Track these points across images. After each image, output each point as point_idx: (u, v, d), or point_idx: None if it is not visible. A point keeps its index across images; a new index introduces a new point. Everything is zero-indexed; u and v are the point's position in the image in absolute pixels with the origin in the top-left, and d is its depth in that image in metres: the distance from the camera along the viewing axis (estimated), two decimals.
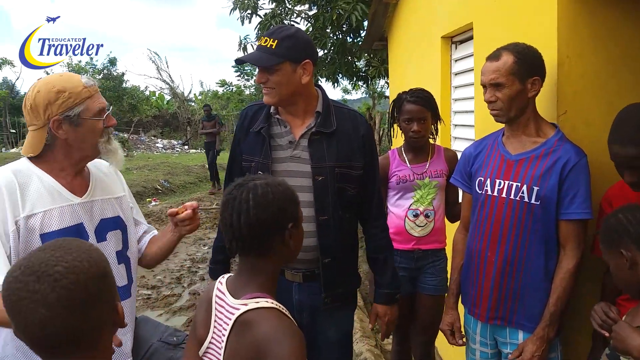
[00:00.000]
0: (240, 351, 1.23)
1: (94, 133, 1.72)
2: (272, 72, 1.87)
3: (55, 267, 0.92)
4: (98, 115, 1.72)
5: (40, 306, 0.90)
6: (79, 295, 0.92)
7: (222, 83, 35.49)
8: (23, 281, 0.91)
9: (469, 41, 3.10)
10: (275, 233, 1.31)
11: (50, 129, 1.67)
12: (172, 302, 5.18)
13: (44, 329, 0.90)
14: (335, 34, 7.91)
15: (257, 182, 1.32)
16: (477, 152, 2.09)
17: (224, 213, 1.31)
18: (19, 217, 1.59)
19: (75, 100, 1.68)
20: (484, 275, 2.00)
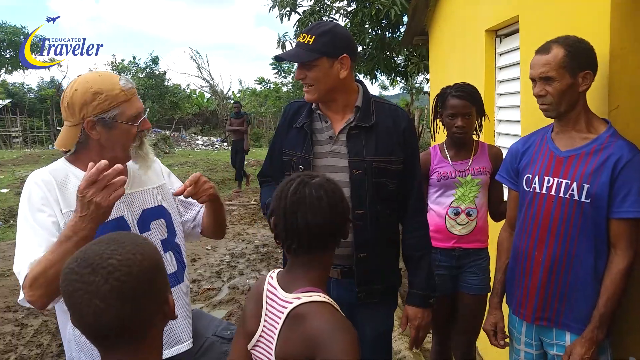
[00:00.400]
0: (293, 344, 1.24)
1: (127, 137, 1.73)
2: (310, 68, 1.89)
3: (109, 259, 0.95)
4: (133, 120, 1.72)
5: (95, 297, 0.93)
6: (131, 287, 0.95)
7: (260, 80, 35.80)
8: (79, 273, 0.95)
9: (514, 34, 3.02)
10: (338, 229, 1.33)
11: (84, 128, 1.69)
12: (212, 295, 5.26)
13: (98, 319, 0.93)
14: (374, 30, 7.85)
15: (319, 180, 1.34)
16: (524, 149, 2.04)
17: (287, 212, 1.30)
18: (64, 212, 1.65)
19: (112, 104, 1.69)
20: (531, 275, 1.95)
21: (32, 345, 4.05)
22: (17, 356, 3.87)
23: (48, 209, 1.63)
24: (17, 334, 4.26)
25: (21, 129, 29.41)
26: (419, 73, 8.31)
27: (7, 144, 27.29)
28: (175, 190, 1.92)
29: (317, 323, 1.21)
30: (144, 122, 1.76)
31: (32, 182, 1.68)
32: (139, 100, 1.78)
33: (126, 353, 0.98)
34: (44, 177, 1.69)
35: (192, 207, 2.03)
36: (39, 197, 1.64)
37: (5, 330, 4.32)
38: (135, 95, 1.76)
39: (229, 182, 13.50)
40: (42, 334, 4.22)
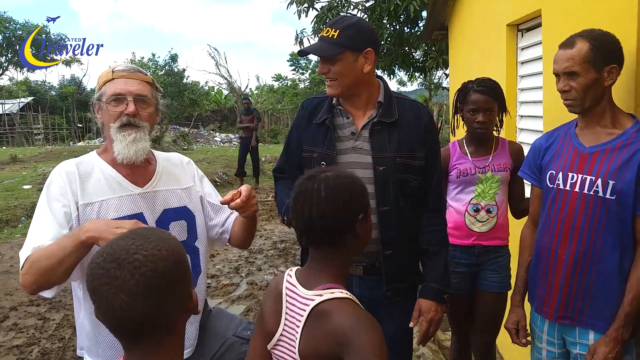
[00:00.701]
0: (318, 342, 1.23)
1: (109, 118, 1.73)
2: (334, 62, 1.87)
3: (135, 255, 0.96)
4: (111, 99, 1.72)
5: (120, 292, 0.93)
6: (157, 282, 0.95)
7: (278, 77, 35.88)
8: (105, 267, 0.95)
9: (537, 29, 2.97)
10: (347, 224, 1.30)
11: (94, 112, 1.78)
12: (231, 291, 5.29)
13: (123, 314, 0.93)
14: (392, 25, 7.80)
15: (328, 173, 1.32)
16: (548, 144, 2.01)
17: (296, 205, 1.32)
18: (79, 204, 1.67)
19: (99, 83, 1.76)
20: (554, 273, 1.92)
21: (55, 338, 4.12)
22: (40, 349, 3.93)
23: (64, 199, 1.66)
24: (40, 327, 4.33)
25: (43, 126, 29.88)
26: (437, 68, 8.24)
27: (29, 140, 27.74)
28: (207, 193, 1.96)
29: (342, 319, 1.20)
30: (126, 105, 1.72)
31: (56, 171, 1.73)
32: (131, 83, 1.74)
33: (149, 347, 0.99)
34: (67, 168, 1.72)
35: (222, 211, 2.00)
36: (58, 186, 1.68)
37: (29, 324, 4.39)
38: (123, 78, 1.75)
39: (247, 178, 13.56)
40: (64, 328, 4.28)
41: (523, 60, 3.23)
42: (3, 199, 9.53)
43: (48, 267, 1.52)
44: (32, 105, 30.52)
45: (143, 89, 1.76)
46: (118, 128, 1.72)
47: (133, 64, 1.97)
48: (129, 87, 1.73)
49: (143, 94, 1.76)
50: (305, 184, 1.32)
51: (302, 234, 1.33)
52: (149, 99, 1.78)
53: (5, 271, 5.75)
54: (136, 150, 1.72)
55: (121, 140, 1.71)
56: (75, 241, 1.51)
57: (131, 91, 1.73)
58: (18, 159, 16.27)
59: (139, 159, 1.74)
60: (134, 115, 1.72)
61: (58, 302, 4.87)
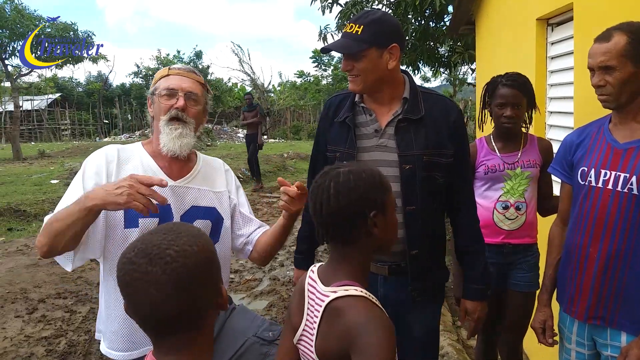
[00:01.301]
0: (331, 338, 1.23)
1: (159, 110, 1.81)
2: (358, 59, 1.83)
3: (167, 250, 0.96)
4: (165, 93, 1.80)
5: (152, 287, 0.93)
6: (188, 278, 0.95)
7: (300, 74, 35.95)
8: (136, 263, 0.96)
9: (568, 23, 2.90)
10: (358, 221, 1.28)
11: (148, 106, 1.86)
12: (254, 286, 5.32)
13: (155, 309, 0.93)
14: (417, 20, 7.72)
15: (341, 169, 1.31)
16: (579, 140, 1.96)
17: (310, 201, 1.33)
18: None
19: (156, 79, 1.85)
20: (584, 272, 1.88)
21: (81, 331, 4.19)
22: (67, 341, 4.00)
23: (97, 177, 1.73)
24: (67, 319, 4.41)
25: (70, 121, 30.47)
26: (463, 63, 8.12)
27: (57, 136, 28.30)
28: (240, 202, 1.99)
29: (353, 317, 1.19)
30: (177, 99, 1.80)
31: (98, 151, 1.82)
32: (184, 80, 1.83)
33: (179, 342, 0.99)
34: (108, 151, 1.81)
35: (250, 224, 2.02)
36: (94, 165, 1.76)
37: (56, 316, 4.47)
38: (178, 75, 1.84)
39: (269, 174, 13.61)
40: (90, 321, 4.35)
41: (553, 55, 3.16)
42: (31, 193, 9.74)
43: (58, 230, 1.57)
44: (59, 101, 31.13)
45: (195, 88, 1.84)
46: (167, 121, 1.79)
47: (159, 61, 2.04)
48: (182, 83, 1.81)
49: (194, 92, 1.83)
50: (318, 181, 1.32)
51: (318, 229, 1.33)
52: (199, 98, 1.85)
53: (33, 264, 5.87)
54: (181, 144, 1.79)
55: (168, 133, 1.79)
56: (80, 207, 1.55)
57: (183, 87, 1.81)
58: (46, 154, 16.62)
59: (182, 153, 1.81)
60: (182, 110, 1.79)
61: (84, 295, 4.95)
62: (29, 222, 7.97)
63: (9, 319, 4.39)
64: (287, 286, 5.28)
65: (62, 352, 3.82)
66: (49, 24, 17.79)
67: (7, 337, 4.06)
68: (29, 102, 29.43)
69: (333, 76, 34.17)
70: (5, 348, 3.88)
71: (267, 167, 14.21)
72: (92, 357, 3.77)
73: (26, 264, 5.87)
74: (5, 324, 4.29)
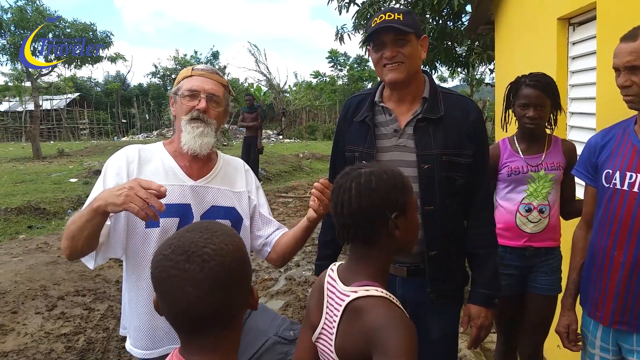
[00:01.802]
0: (351, 337, 1.23)
1: (181, 110, 1.82)
2: (403, 44, 1.84)
3: (204, 248, 0.96)
4: (187, 94, 1.81)
5: (189, 284, 0.93)
6: (224, 276, 0.95)
7: (316, 74, 35.96)
8: (173, 260, 0.96)
9: (590, 22, 2.86)
10: (379, 222, 1.27)
11: (170, 105, 1.88)
12: (270, 286, 5.33)
13: (190, 307, 0.93)
14: (435, 20, 7.67)
15: (363, 170, 1.31)
16: (604, 142, 1.92)
17: (332, 201, 1.33)
18: None
19: (178, 79, 1.86)
20: (609, 276, 1.84)
21: (99, 328, 4.23)
22: (86, 338, 4.04)
23: (118, 178, 1.75)
24: (86, 317, 4.45)
25: (88, 121, 30.84)
26: (481, 63, 8.05)
27: (75, 135, 28.66)
28: (260, 203, 2.00)
29: (373, 317, 1.18)
30: (199, 101, 1.80)
31: (120, 152, 1.84)
32: (206, 82, 1.83)
33: (208, 342, 0.99)
34: (129, 151, 1.83)
35: (269, 225, 2.03)
36: (115, 166, 1.79)
37: (75, 314, 4.52)
38: (202, 77, 1.84)
39: (285, 174, 13.64)
40: (108, 319, 4.39)
41: (574, 55, 3.12)
42: (51, 191, 9.86)
43: (74, 232, 1.60)
44: (78, 101, 31.54)
45: (217, 90, 1.85)
46: (188, 120, 1.80)
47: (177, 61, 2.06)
48: (204, 85, 1.82)
49: (216, 94, 1.84)
50: (340, 180, 1.32)
51: (340, 229, 1.33)
52: (220, 100, 1.86)
53: (52, 261, 5.94)
54: (202, 143, 1.80)
55: (189, 132, 1.80)
56: (89, 209, 1.57)
57: (205, 89, 1.82)
58: (65, 153, 16.83)
59: (202, 151, 1.82)
60: (204, 111, 1.80)
61: (102, 292, 5.00)
62: (48, 220, 8.08)
63: (29, 315, 4.45)
64: (302, 286, 5.29)
65: (81, 349, 3.85)
66: (69, 24, 18.02)
67: (28, 333, 4.11)
68: (49, 101, 29.85)
69: (349, 76, 34.13)
70: (26, 344, 3.93)
71: (283, 167, 14.26)
72: (110, 354, 3.80)
73: (46, 261, 5.94)
74: (25, 320, 4.34)
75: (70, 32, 17.79)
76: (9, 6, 17.26)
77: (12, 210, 8.15)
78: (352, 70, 34.12)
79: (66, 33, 17.76)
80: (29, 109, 28.38)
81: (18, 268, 5.66)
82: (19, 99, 30.89)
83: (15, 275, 5.40)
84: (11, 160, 15.07)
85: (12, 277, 5.34)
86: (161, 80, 35.11)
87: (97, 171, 11.22)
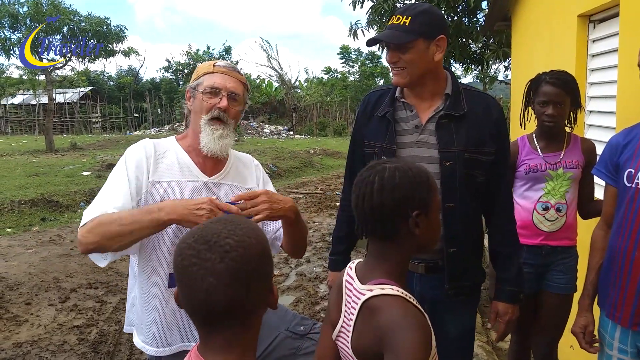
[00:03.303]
0: (366, 336, 1.22)
1: (201, 108, 1.79)
2: (405, 51, 1.80)
3: (226, 239, 0.95)
4: (208, 91, 1.77)
5: (209, 274, 0.93)
6: (245, 268, 0.94)
7: (328, 70, 35.92)
8: (196, 249, 0.95)
9: (611, 19, 2.81)
10: (399, 219, 1.25)
11: (186, 99, 1.84)
12: (281, 281, 5.33)
13: (209, 297, 0.93)
14: (450, 16, 7.62)
15: (387, 165, 1.28)
16: (626, 142, 1.89)
17: (353, 194, 1.31)
18: (150, 181, 1.74)
19: (198, 74, 1.83)
20: (629, 277, 1.81)
21: (111, 321, 4.26)
22: (98, 330, 4.08)
23: (139, 172, 1.73)
24: (98, 309, 4.49)
25: (100, 115, 31.05)
26: (497, 60, 7.99)
27: (88, 129, 28.88)
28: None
29: (387, 317, 1.17)
30: (222, 99, 1.77)
31: (136, 145, 1.81)
32: (228, 80, 1.80)
33: (228, 338, 0.98)
34: (146, 145, 1.81)
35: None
36: (136, 159, 1.75)
37: (87, 306, 4.56)
38: (222, 73, 1.81)
39: (295, 170, 13.65)
40: (120, 312, 4.42)
41: (594, 53, 3.07)
42: (64, 184, 9.95)
43: (117, 233, 1.56)
44: (90, 94, 31.75)
45: (237, 88, 1.82)
46: (208, 120, 1.78)
47: (190, 56, 2.03)
48: (226, 83, 1.80)
49: (237, 92, 1.82)
50: (364, 174, 1.30)
51: (359, 223, 1.30)
52: (240, 98, 1.84)
53: (65, 254, 5.99)
54: (222, 146, 1.78)
55: (209, 133, 1.77)
56: (153, 219, 1.55)
57: (227, 87, 1.79)
58: (78, 146, 16.97)
59: (222, 154, 1.80)
60: (224, 110, 1.78)
61: (115, 285, 5.04)
62: (61, 213, 8.15)
63: (42, 307, 4.49)
64: (313, 282, 5.29)
65: (93, 341, 3.89)
66: (84, 18, 18.12)
67: (42, 324, 4.15)
68: (62, 95, 30.06)
69: (360, 72, 34.06)
70: (40, 335, 3.97)
71: (294, 163, 14.27)
72: (122, 347, 3.83)
73: (59, 253, 6.00)
74: (39, 312, 4.39)
75: (85, 27, 17.90)
76: (25, 0, 17.40)
77: (25, 202, 8.23)
78: (364, 67, 34.04)
79: (81, 27, 17.86)
80: (42, 102, 28.60)
81: (32, 260, 5.72)
82: (32, 92, 31.15)
83: (29, 267, 5.46)
84: (25, 153, 15.22)
85: (26, 269, 5.40)
86: (174, 75, 35.22)
87: (109, 164, 11.30)
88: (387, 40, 1.86)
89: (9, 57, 17.92)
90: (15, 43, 17.65)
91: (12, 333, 3.99)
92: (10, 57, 18.08)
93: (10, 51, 17.74)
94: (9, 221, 7.54)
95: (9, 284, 4.96)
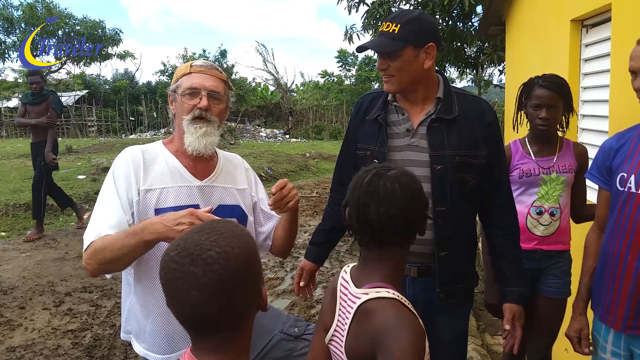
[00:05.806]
0: (360, 340, 1.22)
1: (182, 110, 1.78)
2: (394, 58, 1.81)
3: (208, 251, 0.95)
4: (187, 92, 1.76)
5: (193, 288, 0.93)
6: (229, 280, 0.94)
7: (324, 74, 35.98)
8: (179, 262, 0.95)
9: (604, 24, 2.83)
10: (415, 224, 1.28)
11: (168, 103, 1.85)
12: (276, 285, 5.32)
13: (195, 310, 0.93)
14: (445, 20, 7.65)
15: (394, 172, 1.28)
16: (619, 145, 1.90)
17: (362, 203, 1.27)
18: (140, 189, 1.72)
19: (177, 76, 1.81)
20: (622, 281, 1.83)
21: (106, 325, 4.24)
22: (92, 334, 4.05)
23: (127, 183, 1.72)
24: (93, 313, 4.46)
25: (96, 118, 30.95)
26: (491, 64, 8.03)
27: (83, 132, 28.78)
28: (260, 199, 1.98)
29: (382, 319, 1.17)
30: (200, 99, 1.76)
31: (122, 156, 1.79)
32: (207, 79, 1.78)
33: (218, 343, 0.98)
34: (133, 153, 1.78)
35: (271, 220, 2.02)
36: (124, 171, 1.74)
37: (82, 310, 4.54)
38: (201, 73, 1.79)
39: (291, 173, 13.63)
40: (115, 315, 4.40)
41: (587, 57, 3.09)
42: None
43: (110, 259, 1.58)
44: (86, 98, 31.64)
45: (217, 86, 1.81)
46: (190, 120, 1.76)
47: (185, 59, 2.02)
48: (205, 82, 1.78)
49: (217, 90, 1.80)
50: (362, 182, 1.28)
51: (365, 231, 1.29)
52: (222, 96, 1.82)
53: (60, 257, 5.97)
54: (206, 143, 1.77)
55: (192, 132, 1.76)
56: (139, 241, 1.55)
57: (206, 86, 1.77)
58: (73, 149, 16.88)
59: (207, 152, 1.79)
60: (206, 109, 1.76)
61: (109, 289, 5.01)
62: (56, 217, 8.11)
63: (37, 311, 4.47)
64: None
65: (87, 345, 3.86)
66: (79, 22, 18.11)
67: (36, 328, 4.13)
68: None
69: (356, 76, 34.13)
70: (34, 339, 3.94)
71: (290, 166, 14.26)
72: (116, 351, 3.81)
73: (53, 257, 5.97)
74: (33, 316, 4.36)
75: (80, 30, 17.89)
76: (20, 3, 17.41)
77: (20, 206, 8.19)
78: (360, 71, 34.12)
79: (76, 30, 17.85)
80: None
81: (26, 264, 5.69)
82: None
83: (23, 271, 5.43)
84: (20, 157, 15.14)
85: (20, 273, 5.37)
86: (170, 78, 35.17)
87: (105, 168, 11.26)
88: (375, 49, 1.89)
89: (4, 60, 17.92)
90: (10, 46, 17.63)
91: (6, 337, 3.97)
92: (5, 61, 18.07)
93: (5, 54, 17.72)
94: (4, 225, 7.50)
95: (2, 288, 4.93)
